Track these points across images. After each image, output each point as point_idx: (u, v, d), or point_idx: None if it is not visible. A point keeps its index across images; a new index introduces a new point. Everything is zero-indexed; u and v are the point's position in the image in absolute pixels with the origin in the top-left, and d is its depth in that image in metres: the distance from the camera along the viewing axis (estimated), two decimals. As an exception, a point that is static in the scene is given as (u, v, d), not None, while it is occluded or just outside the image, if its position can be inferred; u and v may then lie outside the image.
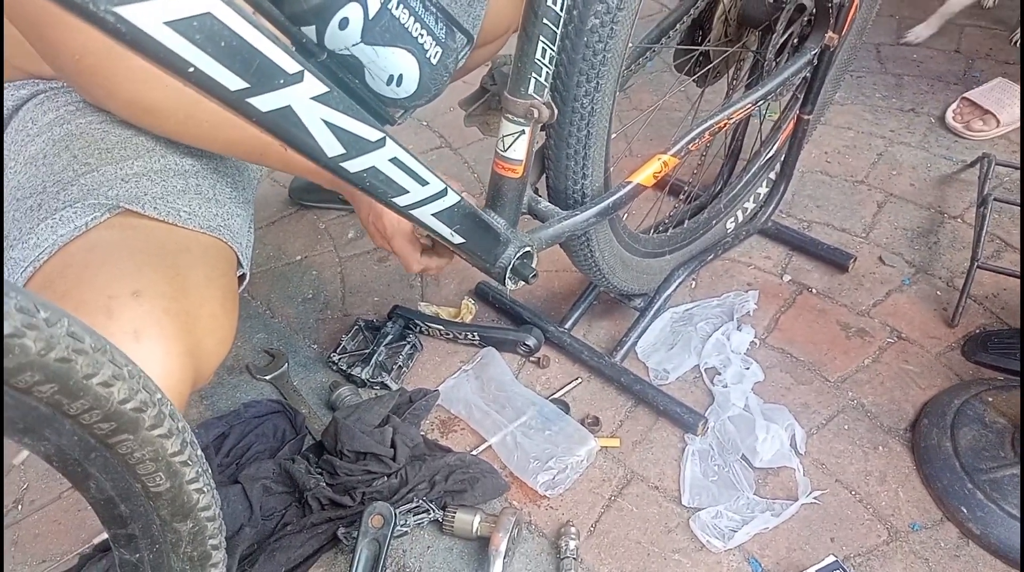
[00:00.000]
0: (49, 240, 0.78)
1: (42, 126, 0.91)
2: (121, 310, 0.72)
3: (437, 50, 0.61)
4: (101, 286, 0.74)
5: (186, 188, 0.88)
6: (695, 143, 1.04)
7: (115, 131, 0.90)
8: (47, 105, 0.93)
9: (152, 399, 0.55)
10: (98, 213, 0.80)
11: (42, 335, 0.44)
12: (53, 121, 0.91)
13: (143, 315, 0.73)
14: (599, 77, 0.86)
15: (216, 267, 0.86)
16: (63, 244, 0.78)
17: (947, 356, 1.29)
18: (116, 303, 0.73)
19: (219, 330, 0.82)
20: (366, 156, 0.63)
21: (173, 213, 0.84)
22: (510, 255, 0.89)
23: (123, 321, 0.72)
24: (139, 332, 0.72)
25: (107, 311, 0.72)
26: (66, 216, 0.79)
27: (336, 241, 1.63)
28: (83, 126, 0.90)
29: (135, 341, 0.71)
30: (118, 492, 0.57)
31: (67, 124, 0.90)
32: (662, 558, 1.04)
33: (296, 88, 0.54)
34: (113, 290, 0.74)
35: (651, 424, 1.21)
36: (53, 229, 0.79)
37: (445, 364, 1.33)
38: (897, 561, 1.02)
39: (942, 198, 1.60)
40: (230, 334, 0.85)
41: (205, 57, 0.48)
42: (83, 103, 0.93)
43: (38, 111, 0.93)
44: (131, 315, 0.72)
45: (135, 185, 0.84)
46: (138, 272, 0.76)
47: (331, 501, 1.05)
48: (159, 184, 0.85)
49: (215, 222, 0.88)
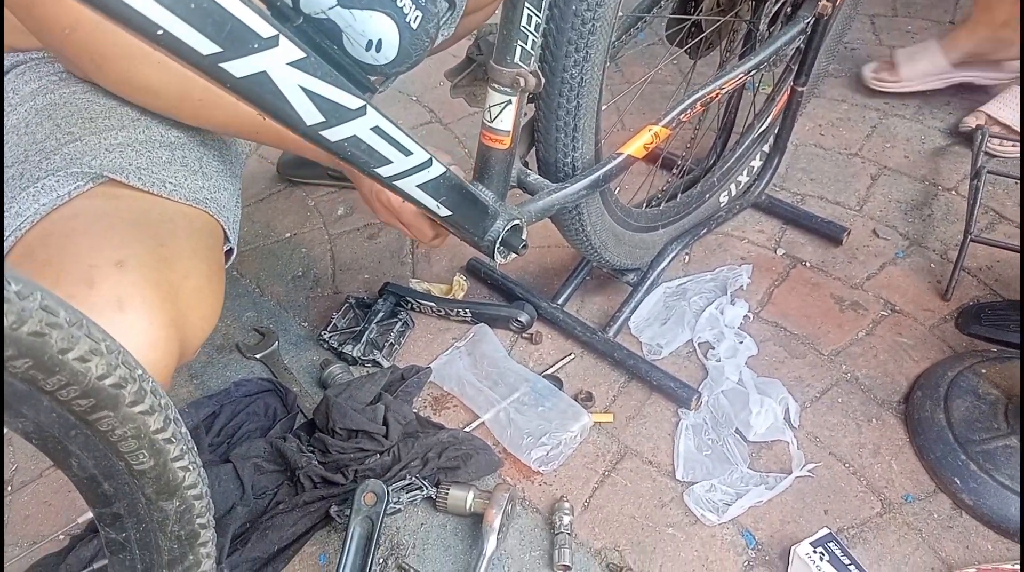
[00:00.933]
0: (31, 209, 0.77)
1: (24, 95, 0.89)
2: (103, 279, 0.71)
3: (417, 14, 0.59)
4: (83, 255, 0.73)
5: (172, 159, 0.86)
6: (687, 114, 1.03)
7: (99, 101, 0.88)
8: (28, 75, 0.91)
9: (132, 375, 0.54)
10: (81, 182, 0.79)
11: (13, 308, 0.43)
12: (35, 91, 0.89)
13: (126, 285, 0.72)
14: (588, 47, 0.84)
15: (201, 239, 0.84)
16: (45, 213, 0.77)
17: (941, 328, 1.28)
18: (98, 273, 0.71)
19: (204, 303, 0.81)
20: (346, 125, 0.61)
21: (158, 184, 0.82)
22: (499, 228, 0.88)
23: (105, 290, 0.71)
24: (122, 301, 0.71)
25: (88, 281, 0.71)
26: (48, 185, 0.78)
27: (326, 218, 1.61)
28: (66, 95, 0.88)
29: (118, 310, 0.70)
30: (101, 470, 0.56)
31: (50, 94, 0.88)
32: (656, 532, 1.04)
33: (271, 53, 0.53)
34: (95, 259, 0.72)
35: (645, 399, 1.21)
36: (35, 198, 0.77)
37: (437, 341, 1.32)
38: (891, 532, 1.02)
39: (936, 170, 1.59)
40: (216, 308, 0.84)
41: (175, 19, 0.46)
42: (67, 73, 0.91)
43: (19, 81, 0.91)
44: (113, 284, 0.71)
45: (119, 155, 0.82)
46: (121, 242, 0.75)
47: (323, 479, 1.04)
48: (144, 155, 0.84)
49: (201, 194, 0.86)
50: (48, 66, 0.91)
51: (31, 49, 0.92)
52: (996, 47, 1.66)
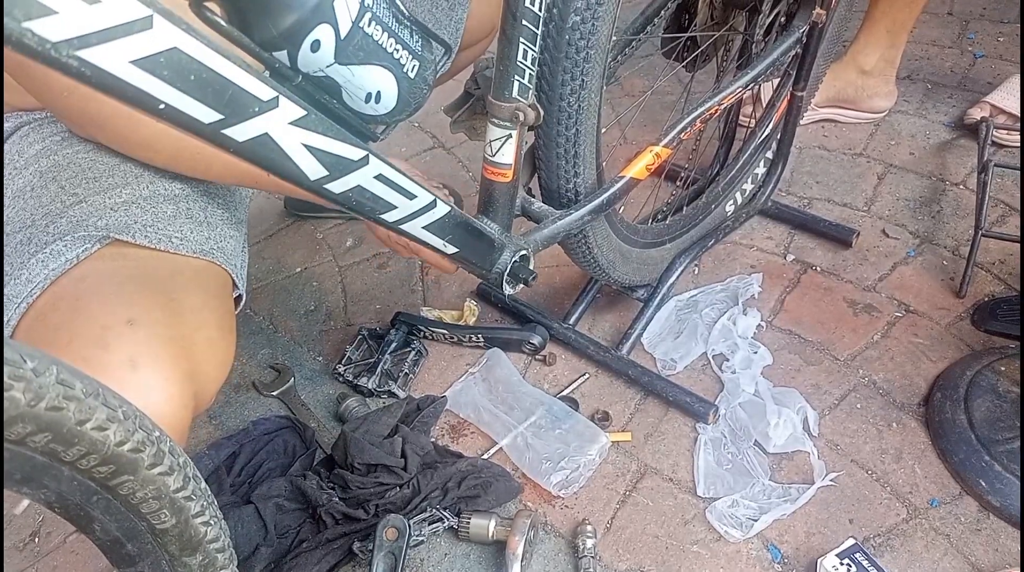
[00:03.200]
0: (41, 275, 0.78)
1: (28, 158, 0.90)
2: (116, 340, 0.72)
3: (414, 63, 0.60)
4: (95, 317, 0.73)
5: (176, 213, 0.87)
6: (687, 132, 1.03)
7: (103, 159, 0.89)
8: (32, 137, 0.92)
9: (150, 438, 0.54)
10: (88, 244, 0.80)
11: (31, 386, 0.44)
12: (39, 152, 0.90)
13: (138, 343, 0.72)
14: (584, 75, 0.85)
15: (210, 290, 0.85)
16: (54, 278, 0.77)
17: (957, 326, 1.27)
18: (111, 333, 0.72)
19: (217, 353, 0.82)
20: (350, 175, 0.62)
21: (164, 240, 0.83)
22: (506, 260, 0.89)
23: (119, 351, 0.71)
24: (135, 360, 0.71)
25: (102, 342, 0.72)
26: (56, 250, 0.79)
27: (335, 250, 1.62)
28: (69, 156, 0.89)
29: (132, 370, 0.71)
30: (124, 532, 0.57)
31: (54, 155, 0.89)
32: (681, 551, 1.04)
33: (272, 114, 0.53)
34: (107, 320, 0.73)
35: (662, 415, 1.20)
36: (44, 264, 0.78)
37: (451, 368, 1.32)
38: (918, 539, 1.01)
39: (943, 165, 1.58)
40: (228, 357, 0.85)
41: (175, 92, 0.47)
42: (69, 133, 0.92)
43: (24, 143, 0.92)
44: (126, 344, 0.72)
45: (124, 213, 0.83)
46: (131, 300, 0.76)
47: (345, 515, 1.04)
48: (148, 211, 0.85)
49: (207, 246, 0.87)
50: (51, 126, 0.92)
51: (34, 109, 0.94)
52: (859, 94, 1.67)
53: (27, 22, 0.39)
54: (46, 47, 0.41)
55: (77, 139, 0.91)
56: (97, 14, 0.42)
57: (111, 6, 0.42)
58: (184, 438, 0.76)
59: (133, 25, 0.44)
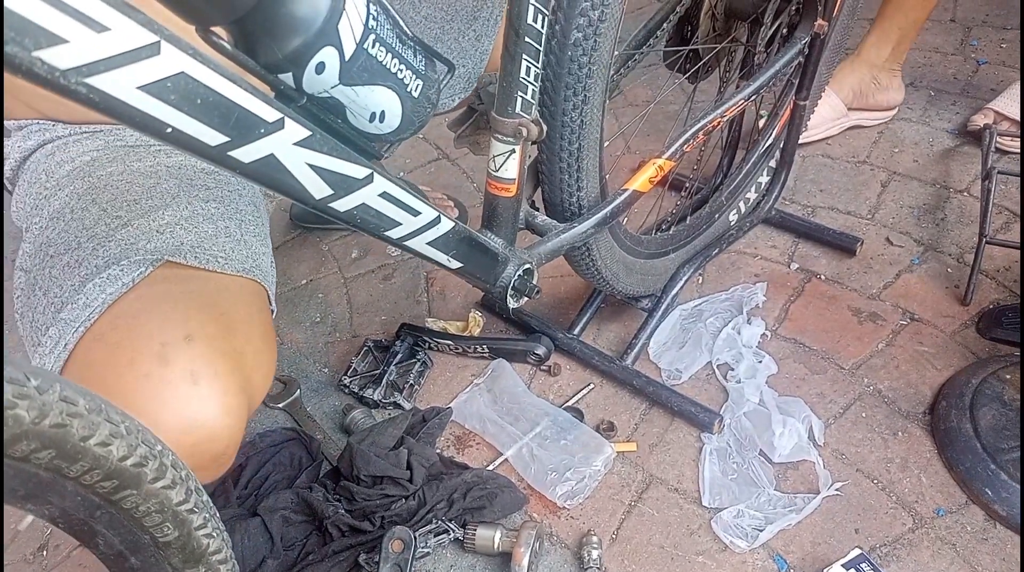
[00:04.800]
0: (99, 299, 0.80)
1: (60, 179, 0.92)
2: (176, 355, 0.75)
3: (418, 83, 0.61)
4: (154, 334, 0.77)
5: (216, 232, 0.90)
6: (690, 144, 1.03)
7: (138, 181, 0.92)
8: (59, 157, 0.94)
9: (152, 452, 0.55)
10: (143, 268, 0.82)
11: (35, 404, 0.45)
12: (71, 173, 0.92)
13: (197, 357, 0.76)
14: (586, 90, 0.85)
15: (253, 304, 0.89)
16: (112, 302, 0.80)
17: (962, 334, 1.27)
18: (170, 349, 0.75)
19: (264, 364, 0.87)
20: (355, 194, 0.63)
21: (211, 260, 0.86)
22: (510, 274, 0.89)
23: (179, 366, 0.75)
24: (196, 374, 0.75)
25: (162, 358, 0.75)
26: (113, 274, 0.81)
27: (340, 262, 1.63)
28: (104, 178, 0.91)
29: (193, 384, 0.74)
30: (127, 546, 0.58)
31: (88, 176, 0.92)
32: (686, 561, 1.04)
33: (278, 135, 0.54)
34: (165, 337, 0.76)
35: (667, 425, 1.21)
36: (101, 288, 0.81)
37: (456, 379, 1.33)
38: (924, 548, 1.01)
39: (946, 173, 1.58)
40: (273, 366, 0.89)
41: (182, 116, 0.48)
42: (99, 152, 0.94)
43: (51, 162, 0.94)
44: (186, 359, 0.75)
45: (170, 236, 0.86)
46: (185, 317, 0.79)
47: (351, 528, 1.05)
48: (191, 232, 0.88)
49: (248, 263, 0.90)
50: (77, 146, 0.94)
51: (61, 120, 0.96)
52: (872, 88, 1.68)
53: (37, 51, 0.40)
54: (55, 75, 0.42)
55: (107, 159, 0.93)
56: (106, 42, 0.43)
57: (119, 34, 0.43)
58: (237, 448, 0.79)
59: (141, 52, 0.44)
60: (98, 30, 0.42)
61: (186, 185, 0.92)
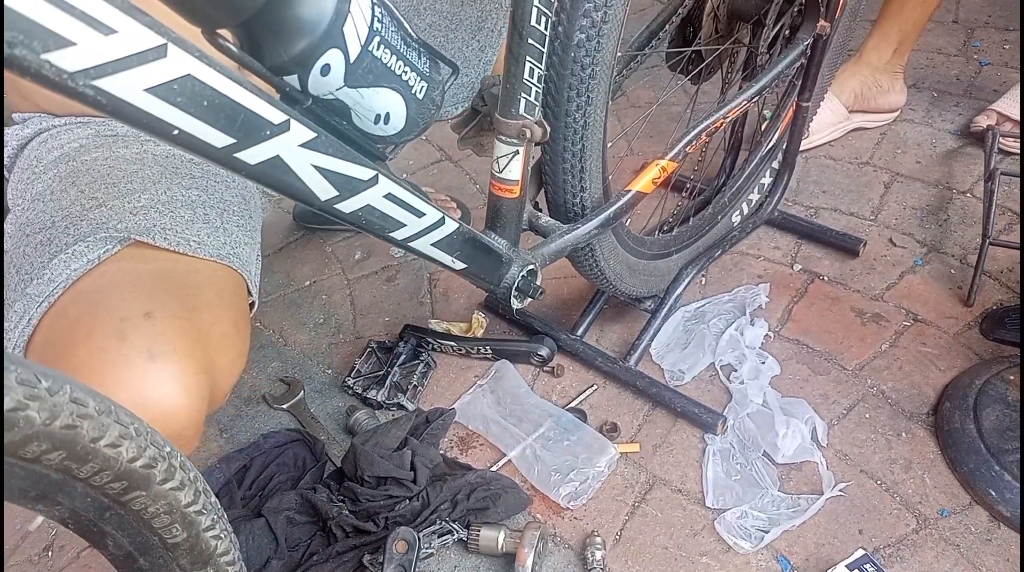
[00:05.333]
0: (63, 275, 0.79)
1: (47, 163, 0.93)
2: (134, 331, 0.74)
3: (422, 85, 0.61)
4: (113, 309, 0.75)
5: (194, 218, 0.89)
6: (692, 145, 1.04)
7: (120, 166, 0.91)
8: (51, 143, 0.95)
9: (161, 453, 0.55)
10: (110, 245, 0.82)
11: (46, 405, 0.45)
12: (58, 158, 0.93)
13: (156, 335, 0.74)
14: (589, 91, 0.85)
15: (225, 289, 0.88)
16: (76, 278, 0.79)
17: (965, 335, 1.27)
18: (128, 325, 0.74)
19: (232, 348, 0.84)
20: (360, 195, 0.63)
21: (183, 243, 0.85)
22: (514, 274, 0.89)
23: (136, 342, 0.73)
24: (153, 351, 0.73)
25: (120, 334, 0.73)
26: (78, 250, 0.81)
27: (344, 263, 1.63)
28: (88, 162, 0.91)
29: (150, 360, 0.73)
30: (136, 547, 0.58)
31: (72, 161, 0.92)
32: (690, 562, 1.04)
33: (283, 137, 0.55)
34: (125, 312, 0.75)
35: (670, 426, 1.21)
36: (66, 264, 0.80)
37: (460, 380, 1.33)
38: (928, 549, 1.01)
39: (949, 174, 1.58)
40: (243, 352, 0.87)
41: (189, 118, 0.48)
42: (87, 140, 0.94)
43: (43, 149, 0.95)
44: (144, 335, 0.74)
45: (144, 217, 0.85)
46: (149, 295, 0.78)
47: (355, 528, 1.05)
48: (167, 215, 0.87)
49: (224, 250, 0.89)
50: (68, 134, 0.95)
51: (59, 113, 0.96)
52: (873, 91, 1.68)
53: (45, 54, 0.40)
54: (63, 77, 0.42)
55: (94, 146, 0.93)
56: (113, 44, 0.43)
57: (127, 37, 0.43)
58: (199, 432, 0.77)
59: (148, 54, 0.45)
60: (106, 33, 0.42)
61: (169, 172, 0.92)
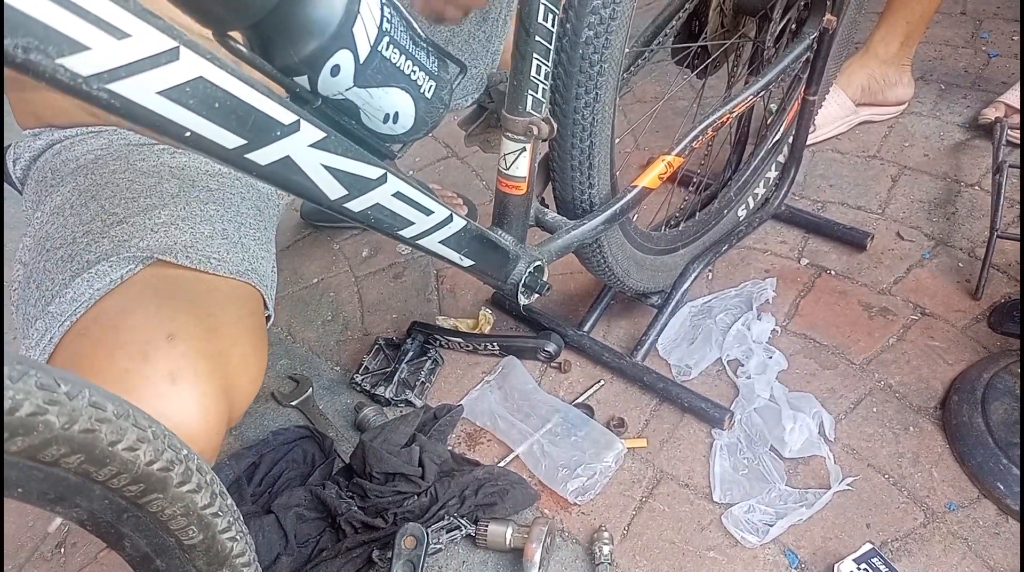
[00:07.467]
0: (86, 294, 0.80)
1: (64, 175, 0.93)
2: (157, 353, 0.74)
3: (431, 84, 0.61)
4: (136, 331, 0.76)
5: (213, 234, 0.89)
6: (699, 140, 1.04)
7: (140, 180, 0.92)
8: (65, 155, 0.95)
9: (178, 456, 0.56)
10: (133, 265, 0.82)
11: (64, 409, 0.46)
12: (76, 170, 0.93)
13: (178, 357, 0.75)
14: (597, 88, 0.86)
15: (244, 306, 0.88)
16: (99, 297, 0.80)
17: (973, 329, 1.27)
18: (151, 347, 0.75)
19: (250, 369, 0.85)
20: (369, 194, 0.63)
21: (204, 261, 0.86)
22: (521, 271, 0.90)
23: (159, 364, 0.74)
24: (175, 374, 0.74)
25: (143, 356, 0.74)
26: (101, 270, 0.81)
27: (351, 261, 1.64)
28: (106, 175, 0.92)
29: (172, 383, 0.74)
30: (153, 548, 0.59)
31: (91, 174, 0.92)
32: (698, 556, 1.04)
33: (293, 138, 0.55)
34: (148, 334, 0.76)
35: (677, 421, 1.21)
36: (89, 283, 0.81)
37: (467, 376, 1.34)
38: (936, 543, 1.01)
39: (957, 167, 1.58)
40: (261, 372, 0.88)
41: (200, 120, 0.49)
42: (103, 151, 0.94)
43: (57, 160, 0.95)
44: (166, 358, 0.75)
45: (165, 234, 0.86)
46: (171, 316, 0.79)
47: (364, 524, 1.06)
48: (187, 232, 0.87)
49: (243, 267, 0.90)
50: (82, 144, 0.95)
51: (66, 125, 0.96)
52: (880, 84, 1.67)
53: (60, 59, 0.41)
54: (77, 81, 0.42)
55: (111, 158, 0.93)
56: (127, 48, 0.43)
57: (140, 40, 0.44)
58: (216, 452, 0.78)
59: (160, 57, 0.45)
60: (119, 37, 0.42)
61: (187, 186, 0.92)
